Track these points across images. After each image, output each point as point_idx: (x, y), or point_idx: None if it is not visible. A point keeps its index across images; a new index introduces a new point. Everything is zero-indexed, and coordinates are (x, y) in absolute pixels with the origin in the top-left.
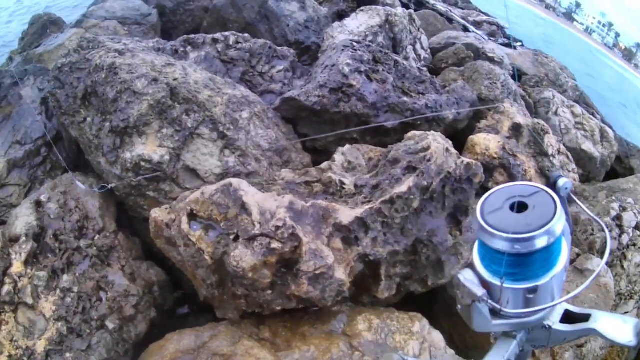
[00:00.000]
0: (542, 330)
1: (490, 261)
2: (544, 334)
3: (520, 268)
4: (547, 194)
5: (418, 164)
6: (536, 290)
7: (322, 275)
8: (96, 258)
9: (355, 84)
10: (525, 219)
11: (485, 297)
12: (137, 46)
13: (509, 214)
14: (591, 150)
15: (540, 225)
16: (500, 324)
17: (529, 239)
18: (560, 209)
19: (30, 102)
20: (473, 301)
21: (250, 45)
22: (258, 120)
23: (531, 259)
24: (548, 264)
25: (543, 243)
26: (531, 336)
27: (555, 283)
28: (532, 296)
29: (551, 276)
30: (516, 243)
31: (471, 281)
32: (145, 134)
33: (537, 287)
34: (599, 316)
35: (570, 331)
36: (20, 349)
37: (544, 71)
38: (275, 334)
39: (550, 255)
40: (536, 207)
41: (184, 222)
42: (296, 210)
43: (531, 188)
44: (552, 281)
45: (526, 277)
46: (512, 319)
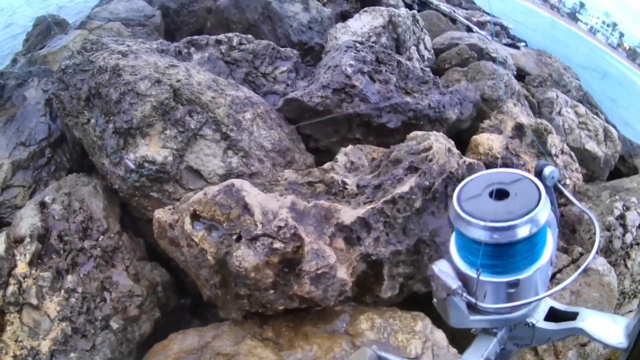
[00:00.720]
0: (525, 327)
1: (468, 252)
2: (528, 332)
3: (500, 260)
4: (530, 182)
5: (420, 164)
6: (517, 285)
7: (324, 275)
8: (100, 259)
9: (358, 84)
10: (506, 206)
11: (460, 290)
12: (141, 47)
13: (488, 201)
14: (595, 149)
15: (521, 213)
16: (479, 320)
17: (509, 227)
18: (545, 197)
19: (34, 103)
20: (448, 294)
21: (254, 46)
22: (261, 121)
23: (512, 250)
24: (531, 256)
25: (525, 233)
26: (513, 334)
27: (539, 277)
28: (513, 290)
29: (534, 269)
30: (495, 232)
31: (446, 273)
32: (148, 135)
33: (518, 281)
34: (587, 315)
35: (555, 330)
36: (25, 349)
37: (547, 71)
38: (278, 334)
39: (534, 247)
40: (518, 195)
41: (187, 222)
42: (298, 210)
43: (513, 175)
44: (535, 275)
45: (506, 269)
46: (491, 315)
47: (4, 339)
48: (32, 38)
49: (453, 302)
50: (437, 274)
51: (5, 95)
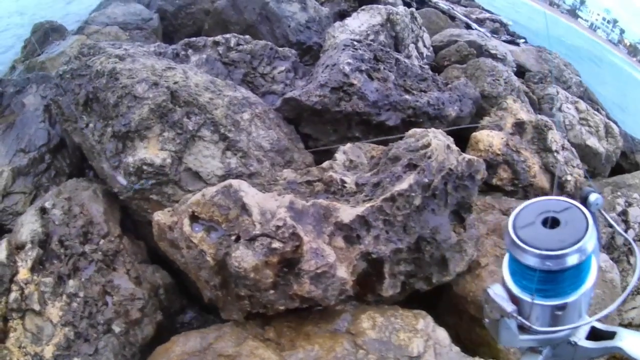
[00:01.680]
0: (568, 346)
1: (521, 276)
2: (569, 350)
3: (550, 284)
4: (579, 210)
5: (419, 161)
6: (565, 307)
7: (324, 274)
8: (101, 262)
9: (356, 82)
10: (558, 235)
11: (515, 313)
12: (138, 51)
13: (541, 230)
14: (596, 145)
15: (572, 242)
16: (528, 340)
17: (561, 256)
18: (592, 226)
19: (33, 109)
20: (502, 316)
21: (252, 46)
22: (259, 121)
23: (562, 276)
24: (578, 281)
25: (574, 261)
26: (556, 352)
27: (584, 300)
28: (560, 313)
29: (580, 293)
30: (548, 260)
31: (501, 296)
32: (146, 138)
33: (566, 304)
34: (625, 334)
35: (595, 348)
36: (28, 355)
37: (547, 67)
38: (280, 334)
39: (580, 273)
40: (568, 224)
41: (186, 224)
42: (296, 209)
43: (563, 203)
44: (580, 298)
45: (556, 293)
46: (539, 335)
47: (8, 346)
48: (30, 45)
49: (505, 324)
50: (492, 297)
51: (4, 103)
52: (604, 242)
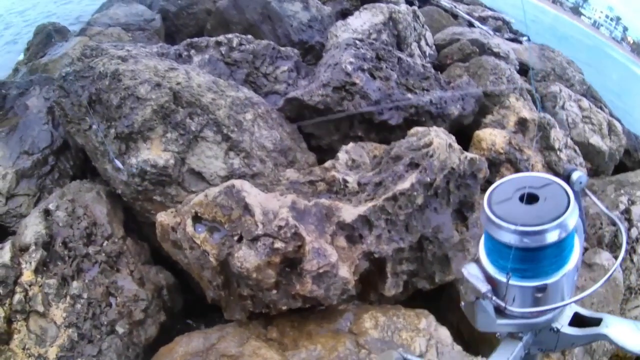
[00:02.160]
0: (550, 332)
1: (497, 255)
2: (552, 337)
3: (529, 264)
4: (559, 186)
5: (420, 160)
6: (545, 289)
7: (326, 273)
8: (105, 264)
9: (358, 82)
10: (536, 211)
11: (490, 294)
12: (140, 52)
13: (518, 205)
14: (599, 143)
15: (551, 218)
16: (506, 324)
17: (540, 232)
18: (574, 202)
19: (36, 111)
20: (477, 298)
21: (254, 46)
22: (262, 121)
23: (541, 255)
24: (559, 261)
25: (554, 237)
26: (538, 339)
27: (566, 282)
28: (540, 295)
29: (562, 274)
30: (525, 236)
31: (476, 276)
32: (149, 139)
33: (546, 286)
34: (611, 321)
35: (579, 335)
36: (32, 357)
37: (550, 65)
38: (283, 334)
39: (562, 252)
40: (548, 199)
41: (189, 224)
42: (299, 209)
43: (543, 179)
44: (562, 280)
45: (535, 274)
46: (518, 319)
47: (12, 348)
48: (33, 47)
49: (481, 306)
50: (466, 277)
51: (7, 105)
52: (607, 241)
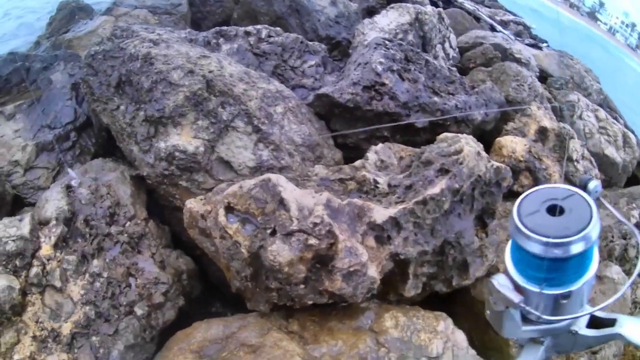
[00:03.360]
0: (569, 335)
1: (526, 266)
2: (570, 339)
3: (555, 273)
4: (581, 198)
5: (451, 166)
6: (569, 296)
7: (356, 272)
8: (127, 244)
9: (387, 82)
10: (563, 223)
11: (523, 304)
12: (171, 37)
13: (546, 217)
14: (614, 155)
15: (577, 230)
16: (530, 330)
17: (567, 243)
18: (596, 213)
19: (60, 87)
20: (507, 307)
21: (282, 39)
22: (292, 115)
23: (567, 265)
24: (581, 270)
25: (580, 248)
26: (557, 342)
27: (586, 289)
28: (565, 302)
29: (583, 282)
30: (555, 247)
31: (506, 287)
32: (180, 125)
33: (570, 293)
34: (625, 321)
35: (595, 336)
36: (45, 330)
37: (569, 73)
38: (304, 328)
39: (585, 261)
40: (573, 211)
41: (221, 214)
42: (333, 207)
43: (566, 191)
44: (583, 287)
45: (560, 282)
46: (541, 325)
47: (25, 320)
48: (56, 22)
49: (509, 315)
50: (497, 288)
51: (30, 78)
52: (617, 254)
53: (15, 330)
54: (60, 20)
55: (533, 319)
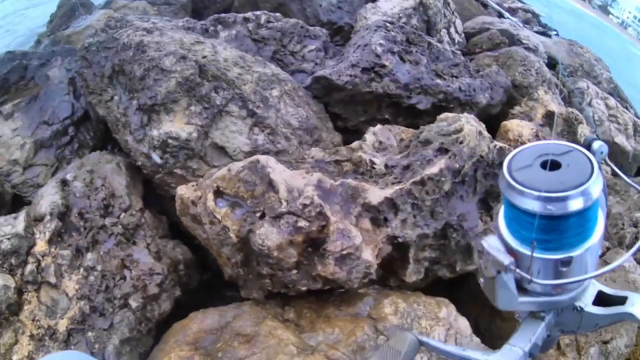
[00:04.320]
0: (573, 312)
1: (519, 226)
2: (575, 317)
3: (552, 234)
4: (582, 154)
5: (450, 145)
6: (570, 262)
7: (349, 255)
8: (121, 236)
9: (387, 64)
10: (559, 177)
11: (513, 266)
12: (166, 25)
13: (540, 172)
14: (624, 143)
15: (576, 184)
16: (528, 302)
17: (563, 198)
18: (597, 169)
19: (57, 82)
20: (498, 272)
21: (282, 24)
22: (288, 99)
23: (565, 224)
24: (583, 233)
25: (579, 205)
26: (560, 319)
27: (590, 257)
28: (565, 269)
29: (586, 247)
30: (549, 203)
31: (497, 249)
32: (173, 111)
33: (571, 259)
34: (637, 299)
35: (604, 314)
36: (42, 329)
37: (578, 61)
38: (300, 315)
39: (586, 223)
40: (570, 166)
41: (210, 199)
42: (324, 188)
43: (564, 147)
44: (586, 254)
45: (559, 245)
46: (540, 297)
47: (22, 319)
48: (57, 19)
49: (502, 282)
50: (487, 250)
51: (28, 76)
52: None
53: (13, 330)
54: (60, 17)
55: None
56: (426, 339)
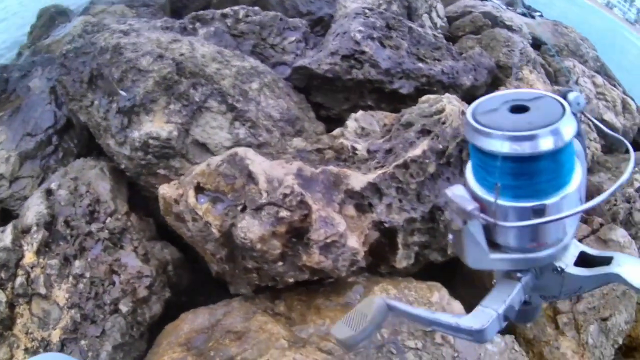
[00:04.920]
0: (553, 274)
1: (485, 172)
2: (556, 280)
3: (522, 179)
4: (553, 99)
5: (432, 126)
6: (543, 212)
7: (334, 243)
8: (108, 241)
9: (367, 50)
10: (527, 118)
11: (477, 211)
12: (143, 26)
13: (507, 115)
14: (613, 120)
15: (544, 123)
16: (500, 259)
17: (531, 137)
18: (570, 112)
19: (39, 92)
20: (465, 223)
21: (261, 17)
22: (268, 91)
23: (535, 168)
24: (557, 180)
25: (548, 145)
26: (540, 282)
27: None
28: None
29: (561, 196)
30: (514, 142)
31: (461, 196)
32: (152, 111)
33: (544, 207)
34: (623, 260)
35: (587, 276)
36: (35, 341)
37: (563, 41)
38: (290, 308)
39: (559, 168)
40: (540, 109)
41: (191, 196)
42: (305, 176)
43: (534, 93)
44: (562, 203)
45: (530, 192)
46: (514, 253)
47: (15, 333)
48: (37, 30)
49: (470, 234)
50: (451, 198)
51: (10, 88)
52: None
53: (7, 345)
54: (40, 27)
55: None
56: (395, 303)
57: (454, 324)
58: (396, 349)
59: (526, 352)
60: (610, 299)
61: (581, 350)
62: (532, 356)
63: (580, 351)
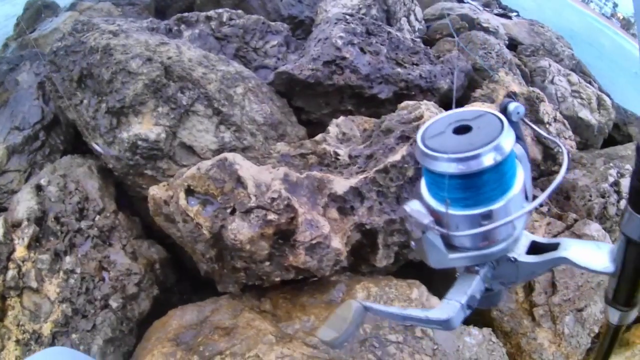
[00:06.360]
0: (509, 263)
1: (437, 188)
2: (511, 268)
3: (468, 192)
4: (493, 116)
5: (411, 133)
6: (491, 216)
7: (319, 244)
8: (97, 238)
9: (348, 56)
10: (469, 139)
11: (432, 224)
12: (131, 26)
13: (451, 137)
14: (588, 117)
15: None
16: (458, 258)
17: (473, 157)
18: (508, 126)
19: (27, 87)
20: (423, 232)
21: (244, 21)
22: (252, 95)
23: (480, 181)
24: (501, 187)
25: (490, 160)
26: (497, 272)
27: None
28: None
29: (507, 199)
30: (458, 163)
31: (418, 211)
32: (141, 113)
33: (491, 212)
34: (569, 244)
35: (538, 262)
36: (27, 333)
37: (539, 40)
38: (276, 306)
39: (503, 176)
40: (481, 128)
41: (182, 198)
42: (291, 181)
43: (476, 112)
44: (508, 205)
45: (478, 201)
46: (471, 252)
47: (6, 324)
48: (23, 22)
49: (429, 241)
50: (409, 213)
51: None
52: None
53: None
54: (27, 20)
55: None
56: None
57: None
58: (378, 342)
59: (504, 344)
60: (585, 291)
61: (558, 340)
62: (510, 347)
63: (556, 341)
